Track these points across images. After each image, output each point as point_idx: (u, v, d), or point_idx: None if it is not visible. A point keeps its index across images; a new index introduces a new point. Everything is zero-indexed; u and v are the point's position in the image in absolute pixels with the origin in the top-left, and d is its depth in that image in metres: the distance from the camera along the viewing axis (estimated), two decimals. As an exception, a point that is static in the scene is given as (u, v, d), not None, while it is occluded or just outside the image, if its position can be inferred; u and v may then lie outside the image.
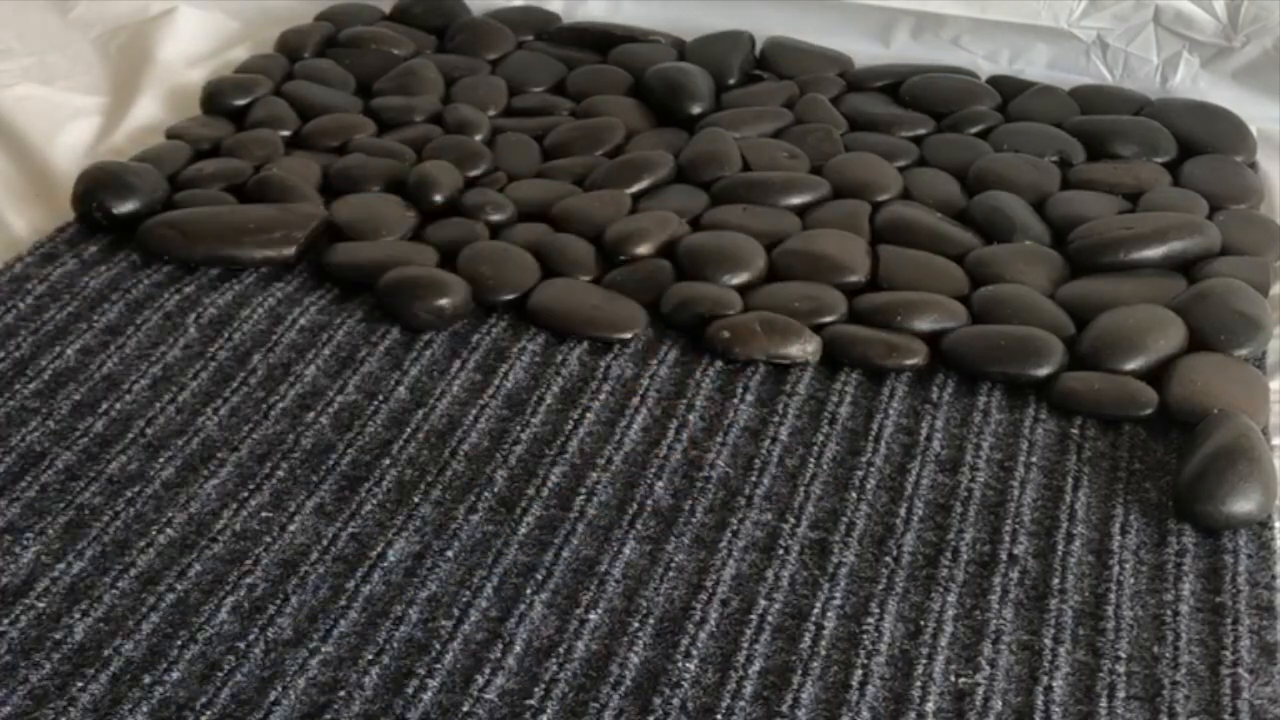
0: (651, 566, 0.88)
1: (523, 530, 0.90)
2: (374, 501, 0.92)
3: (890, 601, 0.86)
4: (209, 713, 0.78)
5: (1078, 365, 1.04)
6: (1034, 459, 0.97)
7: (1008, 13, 1.42)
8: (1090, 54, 1.41)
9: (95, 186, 1.16)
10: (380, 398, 1.00)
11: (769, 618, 0.85)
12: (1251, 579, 0.89)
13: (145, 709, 0.78)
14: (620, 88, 1.37)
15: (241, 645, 0.82)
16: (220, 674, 0.80)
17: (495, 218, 1.18)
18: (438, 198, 1.19)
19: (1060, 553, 0.90)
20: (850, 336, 1.06)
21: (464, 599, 0.85)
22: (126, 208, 1.16)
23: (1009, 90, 1.38)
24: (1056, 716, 0.80)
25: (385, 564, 0.87)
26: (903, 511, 0.93)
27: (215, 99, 1.33)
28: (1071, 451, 0.98)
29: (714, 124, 1.30)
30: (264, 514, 0.91)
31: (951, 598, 0.87)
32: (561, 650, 0.82)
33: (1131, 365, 1.04)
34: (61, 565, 0.86)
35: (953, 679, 0.82)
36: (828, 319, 1.08)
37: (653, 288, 1.10)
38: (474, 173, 1.24)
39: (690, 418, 1.00)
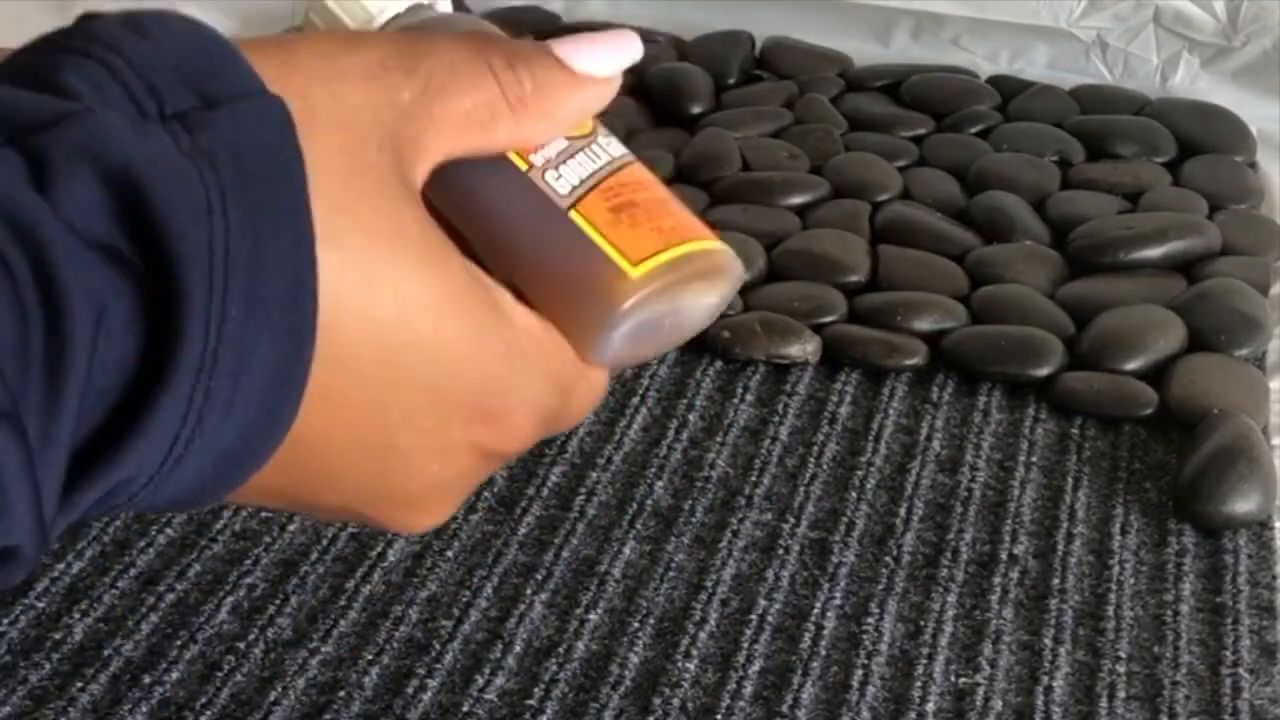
0: (651, 566, 0.88)
1: (523, 530, 0.90)
2: (374, 501, 0.92)
3: (890, 601, 0.86)
4: (209, 713, 0.78)
5: (1078, 365, 1.04)
6: (1034, 459, 0.97)
7: (1008, 13, 1.42)
8: (1090, 54, 1.41)
9: (95, 186, 1.16)
10: (380, 398, 1.00)
11: (769, 618, 0.85)
12: (1251, 579, 0.89)
13: (145, 709, 0.78)
14: (620, 88, 1.37)
15: (241, 645, 0.82)
16: (220, 674, 0.80)
17: (495, 218, 1.17)
18: (438, 198, 1.19)
19: (1060, 553, 0.90)
20: (850, 336, 1.06)
21: (464, 599, 0.85)
22: (126, 208, 1.15)
23: (1009, 90, 1.38)
24: (1056, 716, 0.80)
25: (385, 564, 0.87)
26: (903, 511, 0.93)
27: (215, 99, 1.33)
28: (1071, 451, 0.98)
29: (714, 124, 1.30)
30: (264, 514, 0.91)
31: (951, 598, 0.86)
32: (561, 650, 0.82)
33: (1131, 365, 1.04)
34: (61, 565, 0.86)
35: (953, 679, 0.82)
36: (828, 319, 1.08)
37: (653, 288, 1.10)
38: (474, 173, 1.23)
39: (690, 418, 1.00)
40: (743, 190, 1.21)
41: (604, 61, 0.49)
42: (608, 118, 0.53)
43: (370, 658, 0.81)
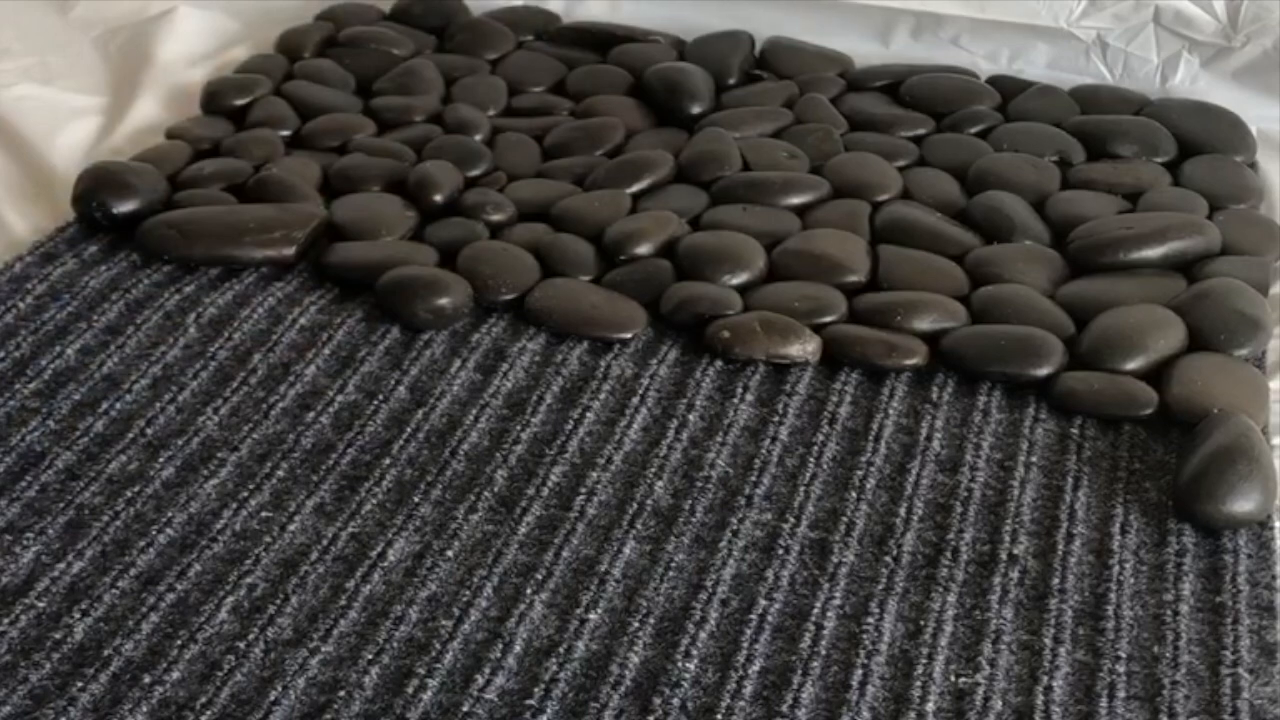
0: (651, 566, 0.88)
1: (523, 530, 0.90)
2: (374, 501, 0.92)
3: (890, 601, 0.86)
4: (209, 713, 0.78)
5: (1078, 365, 1.04)
6: (1034, 459, 0.97)
7: (1008, 13, 1.42)
8: (1090, 54, 1.41)
9: (95, 186, 1.16)
10: (380, 397, 1.00)
11: (769, 618, 0.85)
12: (1251, 579, 0.89)
13: (145, 709, 0.78)
14: (620, 88, 1.37)
15: (241, 645, 0.82)
16: (220, 674, 0.80)
17: (495, 218, 1.18)
18: (438, 198, 1.19)
19: (1060, 553, 0.90)
20: (850, 336, 1.06)
21: (464, 599, 0.85)
22: (126, 208, 1.16)
23: (1009, 90, 1.38)
24: (1056, 716, 0.80)
25: (385, 564, 0.88)
26: (903, 511, 0.93)
27: (215, 99, 1.33)
28: (1071, 451, 0.98)
29: (714, 124, 1.30)
30: (264, 514, 0.91)
31: (951, 598, 0.87)
32: (561, 650, 0.82)
33: (1131, 365, 1.04)
34: (61, 565, 0.86)
35: (953, 679, 0.82)
36: (828, 319, 1.08)
37: (653, 288, 1.10)
38: (474, 173, 1.24)
39: (690, 418, 1.00)
40: (743, 190, 1.21)
41: None
42: (607, 117, 0.54)
43: (370, 658, 0.82)
